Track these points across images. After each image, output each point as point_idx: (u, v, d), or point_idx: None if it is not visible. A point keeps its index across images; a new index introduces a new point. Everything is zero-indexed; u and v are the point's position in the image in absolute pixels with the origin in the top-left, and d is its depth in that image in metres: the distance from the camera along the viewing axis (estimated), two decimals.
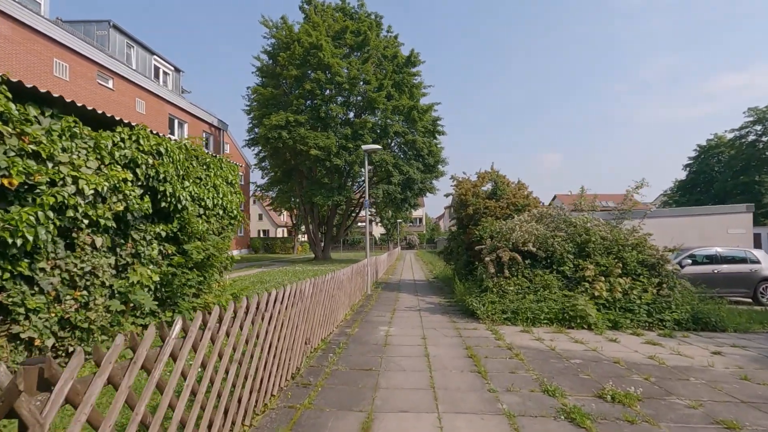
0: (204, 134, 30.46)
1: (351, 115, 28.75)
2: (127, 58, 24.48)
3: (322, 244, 34.71)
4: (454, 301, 11.93)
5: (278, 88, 28.56)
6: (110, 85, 22.09)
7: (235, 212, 8.96)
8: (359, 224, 77.97)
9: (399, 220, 58.81)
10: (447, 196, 14.54)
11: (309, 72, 26.59)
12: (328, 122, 27.17)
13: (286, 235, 69.27)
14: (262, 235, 70.13)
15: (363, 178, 33.36)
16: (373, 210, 49.53)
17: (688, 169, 56.83)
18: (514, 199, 13.03)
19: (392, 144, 29.96)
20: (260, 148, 31.09)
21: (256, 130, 28.35)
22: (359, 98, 28.48)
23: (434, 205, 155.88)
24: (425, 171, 30.23)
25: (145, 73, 25.19)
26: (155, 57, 26.98)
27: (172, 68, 28.88)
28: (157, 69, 27.37)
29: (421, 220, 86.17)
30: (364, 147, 13.45)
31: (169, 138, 7.25)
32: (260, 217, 74.17)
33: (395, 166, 28.44)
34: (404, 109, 27.89)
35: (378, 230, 76.66)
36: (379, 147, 13.51)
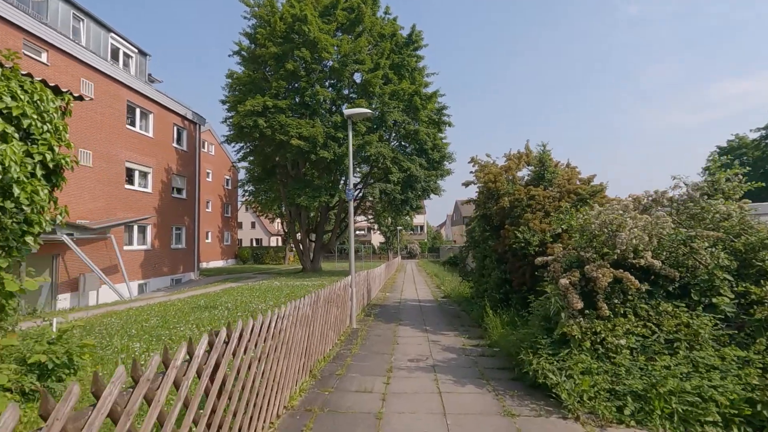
0: (175, 128, 26.22)
1: (342, 103, 24.47)
2: (74, 33, 20.27)
3: (312, 253, 30.31)
4: (487, 344, 7.51)
5: (258, 71, 24.36)
6: (43, 58, 17.80)
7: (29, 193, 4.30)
8: (356, 232, 73.67)
9: (399, 227, 54.38)
10: (466, 185, 10.28)
11: (292, 51, 22.42)
12: (314, 108, 22.92)
13: (280, 243, 64.95)
14: (255, 245, 65.77)
15: (358, 174, 29.01)
16: (370, 216, 45.13)
17: (706, 172, 52.59)
18: (569, 186, 8.68)
19: (391, 136, 25.70)
20: (241, 144, 26.81)
21: (231, 121, 24.05)
22: (351, 82, 24.27)
23: (435, 213, 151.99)
24: (429, 168, 25.92)
25: (99, 53, 21.00)
26: (113, 35, 22.77)
27: (136, 50, 24.68)
28: (116, 50, 23.13)
29: (422, 227, 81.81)
30: (346, 111, 9.17)
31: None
32: (253, 225, 69.92)
33: (394, 162, 24.13)
34: (404, 96, 23.67)
35: (377, 239, 72.22)
36: (368, 111, 9.18)
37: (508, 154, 10.64)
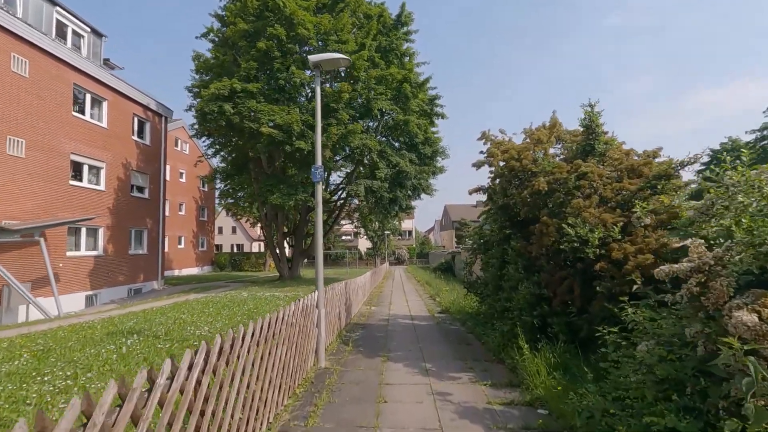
0: (136, 119, 23.11)
1: (322, 88, 21.63)
2: (7, 2, 17.19)
3: (290, 260, 27.31)
4: (527, 401, 4.73)
5: (228, 55, 21.42)
6: None
7: None
8: (342, 237, 70.58)
9: (387, 232, 51.64)
10: (477, 166, 7.57)
11: (265, 29, 19.58)
12: (290, 94, 20.06)
13: (262, 249, 61.46)
14: (236, 251, 62.33)
15: (342, 172, 26.18)
16: (356, 220, 42.24)
17: (700, 175, 51.16)
18: (628, 162, 6.02)
19: (378, 126, 22.96)
20: (207, 135, 23.74)
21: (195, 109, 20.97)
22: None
23: (423, 218, 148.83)
24: (420, 164, 23.23)
25: (41, 28, 17.92)
26: (60, 10, 19.66)
27: (88, 29, 21.54)
28: (63, 26, 19.99)
29: (410, 232, 79.13)
30: (312, 57, 6.42)
31: None
32: (234, 231, 66.40)
33: (382, 156, 21.38)
34: (393, 82, 21.01)
35: (363, 244, 69.27)
36: (344, 57, 6.43)
37: (529, 129, 7.99)
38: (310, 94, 21.47)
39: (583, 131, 6.55)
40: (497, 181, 7.58)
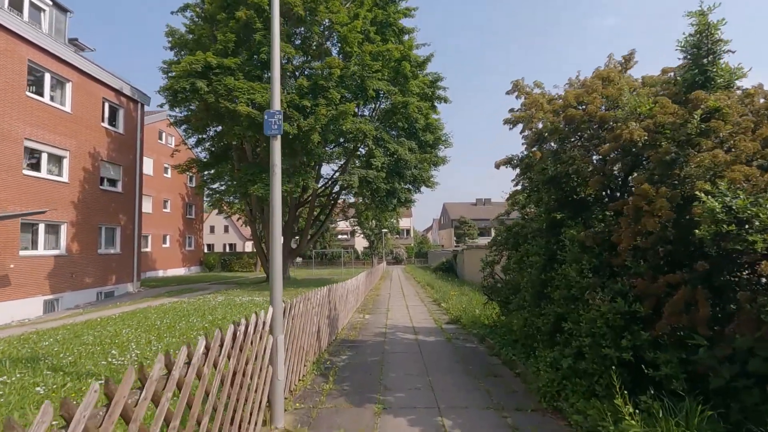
0: (107, 104, 20.66)
1: (309, 65, 19.15)
2: None
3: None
4: None
5: (205, 29, 19.01)
6: None
7: None
8: (339, 236, 68.11)
9: (384, 230, 49.27)
10: (512, 123, 5.28)
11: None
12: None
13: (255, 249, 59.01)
14: (228, 250, 59.96)
15: (335, 165, 23.77)
16: (353, 217, 39.87)
17: None
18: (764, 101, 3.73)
19: (373, 112, 20.58)
20: (178, 113, 21.27)
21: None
22: (321, 40, 19.08)
23: (421, 218, 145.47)
24: (421, 152, 20.85)
25: None
26: None
27: (50, 2, 19.12)
28: None
29: (408, 231, 76.75)
30: None
31: None
32: (226, 229, 63.96)
33: (378, 142, 19.02)
34: (390, 61, 18.64)
35: (360, 243, 66.82)
36: None
37: (573, 79, 5.66)
38: (297, 73, 19.07)
39: (685, 60, 4.19)
40: (542, 145, 5.24)
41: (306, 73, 19.15)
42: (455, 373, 5.96)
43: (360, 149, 20.87)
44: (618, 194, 4.25)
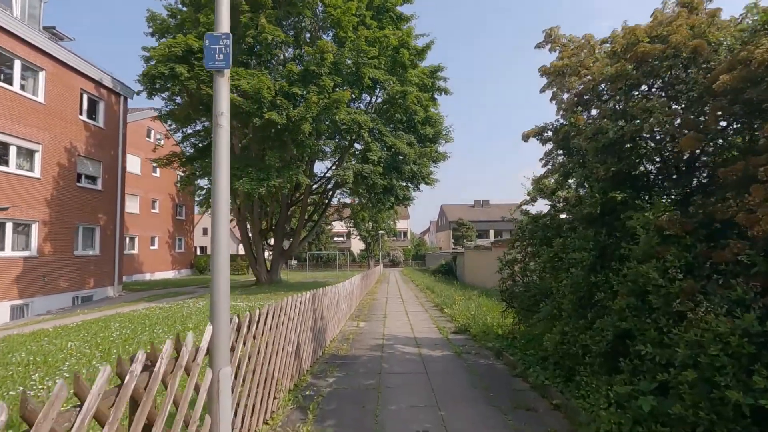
0: (85, 96, 19.28)
1: (300, 51, 17.81)
2: None
3: (268, 261, 23.53)
4: None
5: (189, 12, 17.68)
6: None
7: None
8: (335, 238, 66.58)
9: (381, 232, 47.89)
10: (551, 75, 4.09)
11: None
12: (261, 55, 16.30)
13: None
14: None
15: (327, 159, 22.40)
16: (348, 218, 38.44)
17: None
18: None
19: (369, 104, 19.25)
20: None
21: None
22: (313, 23, 17.77)
23: (417, 220, 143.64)
24: (420, 146, 19.54)
25: None
26: None
27: None
28: None
29: (405, 233, 75.35)
30: None
31: None
32: None
33: (374, 135, 17.69)
34: (387, 47, 17.35)
35: (357, 245, 65.32)
36: None
37: (618, 31, 4.34)
38: (288, 57, 17.72)
39: None
40: (587, 106, 3.92)
41: (295, 57, 17.83)
42: (473, 402, 4.59)
43: (356, 145, 19.55)
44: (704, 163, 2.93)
